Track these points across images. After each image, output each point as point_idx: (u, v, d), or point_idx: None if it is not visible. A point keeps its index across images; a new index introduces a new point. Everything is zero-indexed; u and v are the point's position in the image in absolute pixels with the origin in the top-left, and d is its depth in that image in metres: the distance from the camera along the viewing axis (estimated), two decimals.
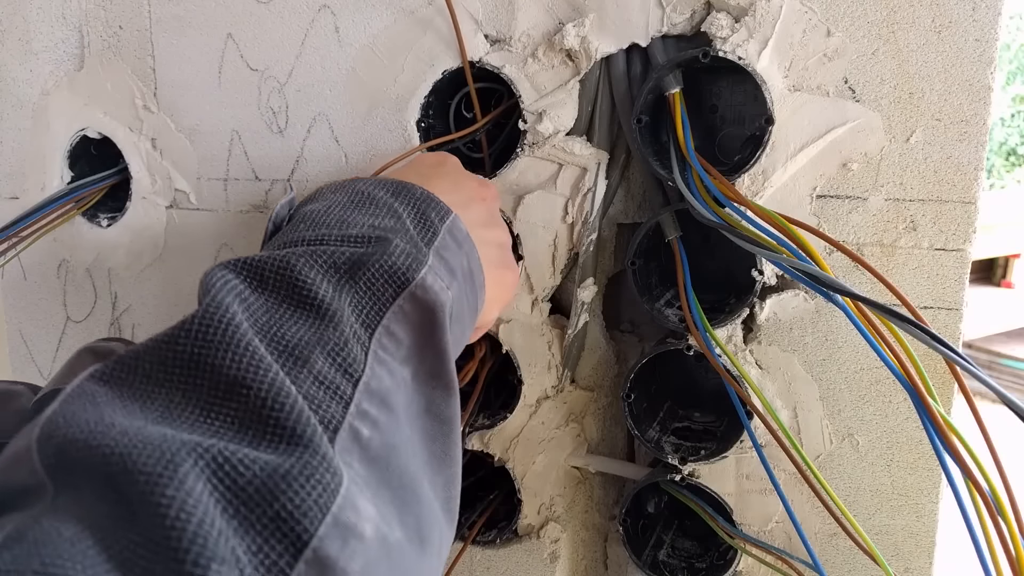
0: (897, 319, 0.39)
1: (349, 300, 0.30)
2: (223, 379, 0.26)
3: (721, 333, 0.54)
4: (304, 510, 0.23)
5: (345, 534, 0.24)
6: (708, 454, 0.55)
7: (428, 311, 0.32)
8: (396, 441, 0.29)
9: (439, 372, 0.32)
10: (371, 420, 0.28)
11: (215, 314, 0.27)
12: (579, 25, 0.53)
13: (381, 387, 0.29)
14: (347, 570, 0.24)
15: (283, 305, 0.29)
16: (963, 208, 0.49)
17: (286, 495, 0.23)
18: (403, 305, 0.31)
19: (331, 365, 0.28)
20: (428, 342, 0.32)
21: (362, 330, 0.30)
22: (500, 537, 0.64)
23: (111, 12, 0.67)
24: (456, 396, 0.33)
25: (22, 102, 0.72)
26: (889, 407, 0.53)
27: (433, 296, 0.32)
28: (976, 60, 0.47)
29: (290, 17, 0.61)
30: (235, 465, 0.23)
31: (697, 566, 0.60)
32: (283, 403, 0.25)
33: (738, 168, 0.51)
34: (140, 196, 0.70)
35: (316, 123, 0.62)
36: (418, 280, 0.32)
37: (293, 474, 0.24)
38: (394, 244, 0.32)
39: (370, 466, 0.27)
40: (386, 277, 0.31)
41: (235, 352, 0.26)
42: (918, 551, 0.54)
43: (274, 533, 0.23)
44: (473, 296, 0.37)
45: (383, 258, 0.31)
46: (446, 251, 0.35)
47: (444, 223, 0.36)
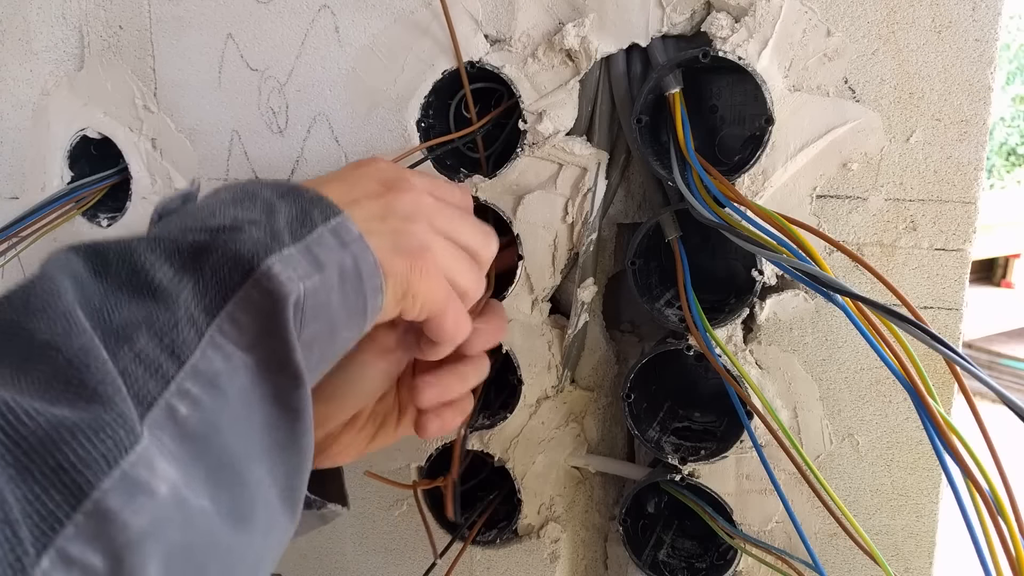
0: (897, 319, 0.39)
1: (191, 285, 0.30)
2: (35, 343, 0.26)
3: (721, 333, 0.54)
4: (88, 462, 0.23)
5: (132, 489, 0.24)
6: (708, 454, 0.55)
7: (272, 300, 0.31)
8: (221, 422, 0.29)
9: (284, 362, 0.31)
10: (192, 399, 0.28)
11: (38, 284, 0.27)
12: (579, 25, 0.53)
13: (211, 369, 0.29)
14: (129, 524, 0.24)
15: (121, 290, 0.29)
16: (963, 208, 0.49)
17: (69, 446, 0.23)
18: (250, 292, 0.31)
19: (156, 345, 0.28)
20: (273, 331, 0.31)
21: (201, 314, 0.30)
22: (500, 537, 0.64)
23: (111, 12, 0.67)
24: (305, 387, 0.32)
25: (22, 102, 0.72)
26: (889, 407, 0.53)
27: (277, 285, 0.31)
28: (976, 60, 0.47)
29: (290, 17, 0.61)
30: (19, 415, 0.23)
31: (697, 566, 0.60)
32: (88, 364, 0.26)
33: (738, 168, 0.51)
34: (140, 196, 0.70)
35: (316, 123, 0.62)
36: (263, 267, 0.31)
37: (80, 427, 0.24)
38: (245, 232, 0.32)
39: (184, 442, 0.27)
40: (231, 264, 0.31)
41: (51, 317, 0.26)
42: (918, 551, 0.54)
43: (54, 483, 0.23)
44: (360, 299, 0.36)
45: (228, 245, 0.31)
46: (319, 247, 0.34)
47: (328, 222, 0.35)
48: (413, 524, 0.67)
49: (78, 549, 0.23)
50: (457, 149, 0.61)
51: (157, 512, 0.25)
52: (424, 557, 0.65)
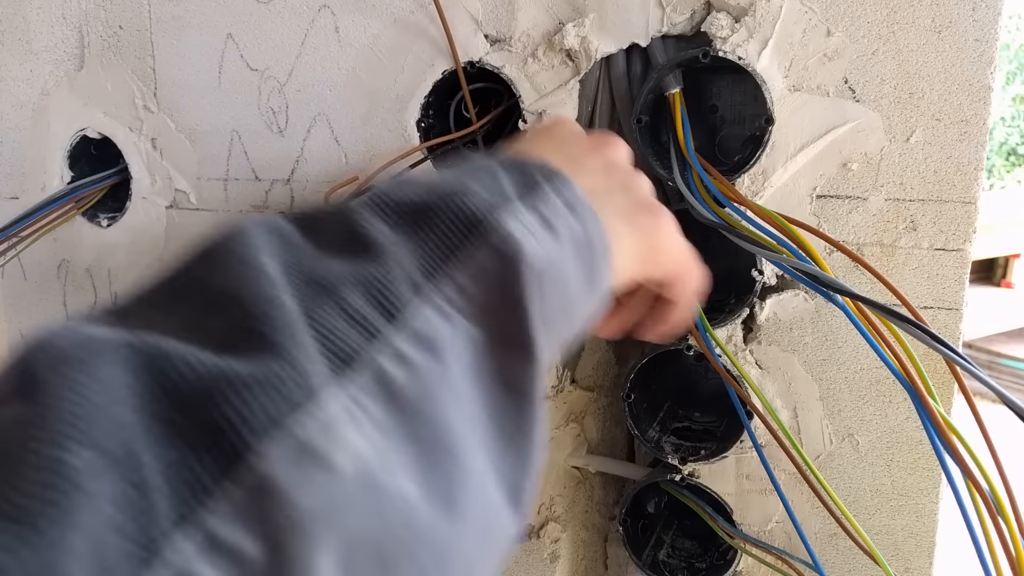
0: (897, 319, 0.39)
1: (411, 246, 0.26)
2: (212, 292, 0.22)
3: (721, 333, 0.54)
4: (248, 419, 0.19)
5: (305, 460, 0.19)
6: (708, 454, 0.55)
7: (505, 260, 0.27)
8: (441, 395, 0.24)
9: (517, 336, 0.27)
10: (407, 362, 0.23)
11: (233, 236, 0.24)
12: (579, 25, 0.53)
13: (430, 332, 0.24)
14: (294, 501, 0.19)
15: (332, 248, 0.25)
16: (963, 208, 0.49)
17: (228, 401, 0.19)
18: (475, 254, 0.26)
19: (365, 300, 0.23)
20: (506, 299, 0.27)
21: (421, 276, 0.25)
22: None
23: (111, 12, 0.67)
24: (538, 367, 0.27)
25: (22, 102, 0.72)
26: (889, 407, 0.53)
27: (512, 243, 0.27)
28: (976, 60, 0.47)
29: (290, 17, 0.61)
30: (175, 363, 0.20)
31: (697, 566, 0.60)
32: (269, 313, 0.22)
33: (738, 168, 0.51)
34: (140, 196, 0.70)
35: (316, 123, 0.62)
36: (495, 224, 0.27)
37: (243, 378, 0.20)
38: (473, 190, 0.28)
39: (393, 412, 0.22)
40: (457, 222, 0.27)
41: (234, 266, 0.23)
42: (918, 551, 0.54)
43: (204, 444, 0.19)
44: (590, 268, 0.31)
45: (456, 200, 0.27)
46: (546, 208, 0.30)
47: (551, 183, 0.31)
48: None
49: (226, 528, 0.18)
50: (457, 149, 0.61)
51: (336, 491, 0.20)
52: None
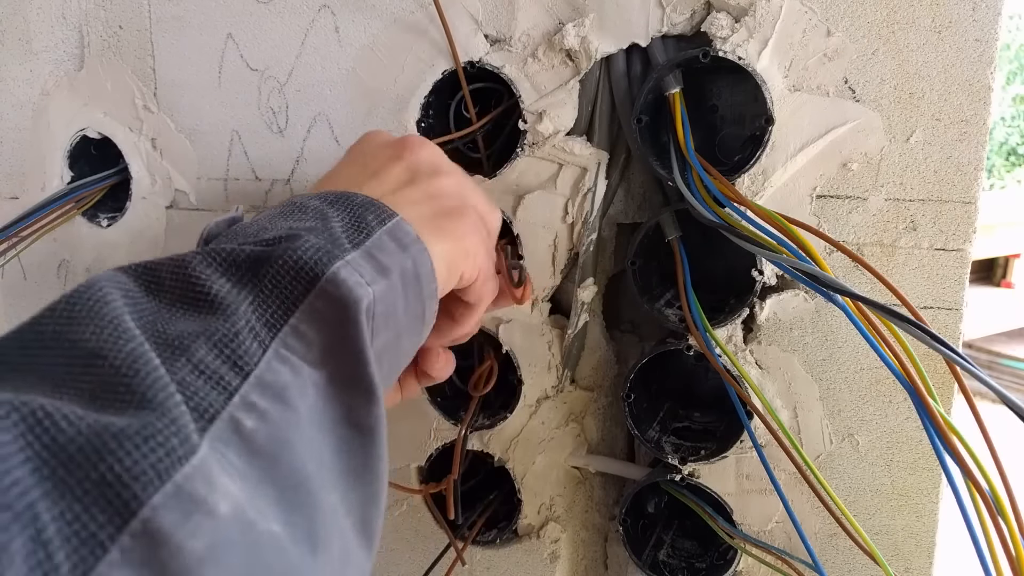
0: (897, 319, 0.39)
1: (251, 299, 0.28)
2: (80, 352, 0.23)
3: (721, 333, 0.54)
4: (136, 474, 0.20)
5: (188, 507, 0.21)
6: (708, 454, 0.55)
7: (342, 308, 0.28)
8: (292, 439, 0.26)
9: (357, 376, 0.29)
10: (259, 412, 0.25)
11: (84, 292, 0.25)
12: (579, 25, 0.53)
13: (278, 382, 0.26)
14: (184, 548, 0.20)
15: (175, 305, 0.27)
16: (963, 208, 0.49)
17: (115, 455, 0.20)
18: (314, 303, 0.28)
19: (216, 356, 0.25)
20: (343, 343, 0.28)
21: (263, 329, 0.27)
22: (500, 537, 0.64)
23: (111, 12, 0.67)
24: (377, 404, 0.29)
25: (22, 102, 0.72)
26: (889, 407, 0.53)
27: (346, 291, 0.29)
28: (976, 60, 0.47)
29: (290, 17, 0.61)
30: (57, 421, 0.20)
31: (697, 566, 0.60)
32: (138, 370, 0.23)
33: (738, 168, 0.51)
34: (140, 196, 0.70)
35: (316, 123, 0.62)
36: (328, 274, 0.29)
37: (128, 433, 0.21)
38: (303, 239, 0.29)
39: (251, 459, 0.24)
40: (292, 273, 0.28)
41: (97, 325, 0.24)
42: (918, 551, 0.54)
43: (96, 500, 0.20)
44: (418, 302, 0.34)
45: (288, 253, 0.29)
46: (380, 251, 0.32)
47: (384, 226, 0.33)
48: (413, 524, 0.67)
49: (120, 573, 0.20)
50: (457, 149, 0.61)
51: (217, 534, 0.22)
52: (424, 557, 0.65)
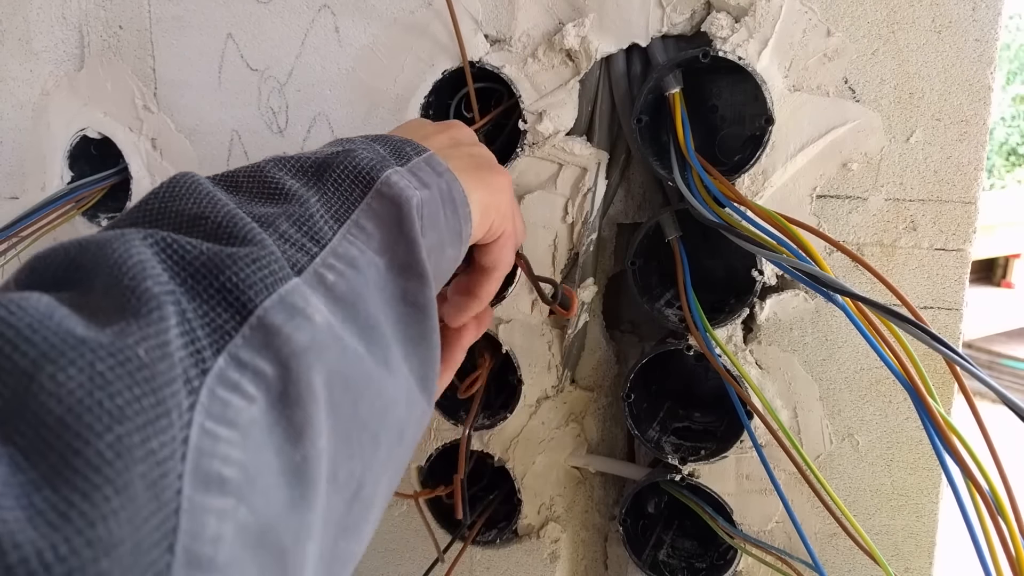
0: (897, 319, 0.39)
1: (318, 197, 0.32)
2: (184, 217, 0.28)
3: (721, 333, 0.54)
4: (250, 283, 0.25)
5: (291, 311, 0.26)
6: (708, 454, 0.55)
7: (395, 205, 0.33)
8: (365, 294, 0.30)
9: (411, 263, 0.33)
10: (337, 271, 0.29)
11: (180, 179, 0.29)
12: (579, 25, 0.53)
13: (349, 253, 0.30)
14: (292, 338, 0.25)
15: (254, 199, 0.31)
16: (963, 208, 0.49)
17: (231, 270, 0.25)
18: (371, 203, 0.33)
19: (296, 230, 0.30)
20: (399, 235, 0.33)
21: (331, 219, 0.31)
22: (500, 537, 0.64)
23: (111, 12, 0.67)
24: (431, 286, 0.34)
25: (22, 102, 0.72)
26: (889, 407, 0.53)
27: (399, 191, 0.33)
28: (976, 60, 0.47)
29: (290, 17, 0.61)
30: (183, 245, 0.25)
31: (697, 566, 0.60)
32: (237, 222, 0.27)
33: (738, 168, 0.51)
34: (140, 196, 0.70)
35: (316, 123, 0.62)
36: (383, 178, 0.33)
37: (239, 255, 0.26)
38: (358, 153, 0.34)
39: (334, 305, 0.28)
40: (352, 177, 0.33)
41: (197, 197, 0.28)
42: (918, 551, 0.54)
43: (220, 302, 0.25)
44: (456, 221, 0.38)
45: (348, 160, 0.33)
46: (419, 171, 0.36)
47: (421, 155, 0.38)
48: (413, 524, 0.67)
49: (248, 355, 0.24)
50: None
51: (316, 335, 0.26)
52: (424, 557, 0.65)
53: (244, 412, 0.23)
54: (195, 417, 0.22)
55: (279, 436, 0.24)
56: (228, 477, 0.22)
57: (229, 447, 0.22)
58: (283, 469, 0.24)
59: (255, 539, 0.23)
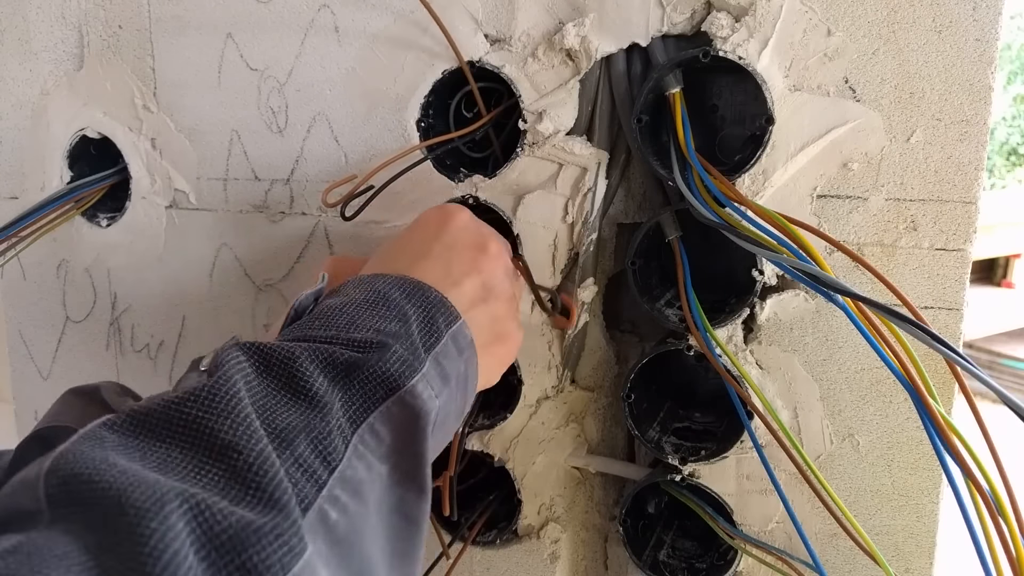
0: (898, 319, 0.39)
1: (340, 396, 0.33)
2: (218, 442, 0.29)
3: (721, 333, 0.54)
4: (268, 564, 0.26)
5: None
6: (708, 454, 0.55)
7: (413, 417, 0.35)
8: (362, 529, 0.32)
9: (414, 474, 0.35)
10: (341, 506, 0.31)
11: (222, 387, 0.30)
12: (579, 25, 0.53)
13: (355, 477, 0.32)
14: None
15: (281, 391, 0.33)
16: (964, 208, 0.49)
17: (255, 548, 0.26)
18: (390, 407, 0.34)
19: (312, 452, 0.31)
20: (408, 445, 0.35)
21: (347, 424, 0.33)
22: (500, 537, 0.64)
23: (111, 12, 0.67)
24: (427, 500, 0.35)
25: (22, 102, 0.72)
26: (890, 407, 0.53)
27: (420, 404, 0.35)
28: (977, 60, 0.47)
29: (290, 17, 0.61)
30: (215, 514, 0.26)
31: (697, 566, 0.60)
32: (267, 471, 0.28)
33: (738, 168, 0.51)
34: (140, 196, 0.70)
35: (316, 123, 0.62)
36: (408, 387, 0.35)
37: (264, 531, 0.27)
38: (392, 350, 0.36)
39: (333, 547, 0.30)
40: (378, 381, 0.35)
41: (233, 421, 0.29)
42: (919, 551, 0.54)
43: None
44: (463, 401, 0.40)
45: (378, 364, 0.35)
46: (444, 358, 0.38)
47: (449, 329, 0.39)
48: None
49: None
50: (457, 149, 0.61)
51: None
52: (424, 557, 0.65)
53: None
54: None
55: None
56: None
57: None
58: None
59: None
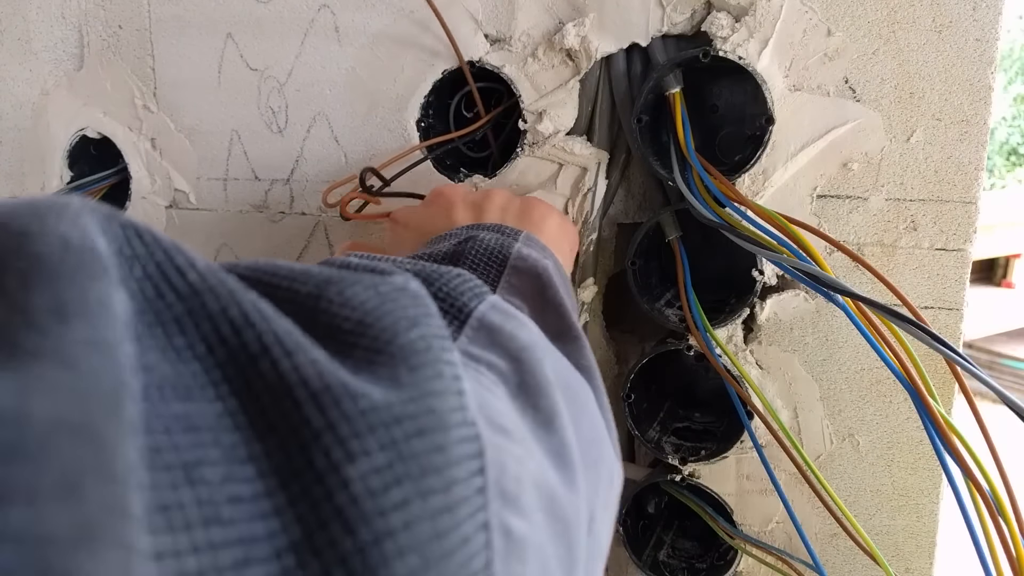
0: (898, 319, 0.39)
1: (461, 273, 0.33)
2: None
3: (721, 333, 0.54)
4: (460, 291, 0.27)
5: (506, 314, 0.28)
6: (708, 454, 0.55)
7: (535, 276, 0.34)
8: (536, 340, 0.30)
9: (565, 328, 0.33)
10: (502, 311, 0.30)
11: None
12: (579, 25, 0.53)
13: (507, 307, 0.31)
14: (516, 335, 0.27)
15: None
16: (963, 208, 0.49)
17: (441, 281, 0.27)
18: (510, 279, 0.34)
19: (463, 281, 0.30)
20: (545, 304, 0.34)
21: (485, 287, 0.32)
22: None
23: (111, 12, 0.67)
24: (588, 346, 0.34)
25: (21, 102, 0.72)
26: (890, 407, 0.53)
27: (533, 262, 0.34)
28: (977, 60, 0.47)
29: (290, 17, 0.61)
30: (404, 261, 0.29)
31: (697, 566, 0.60)
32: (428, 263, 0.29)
33: (738, 168, 0.51)
34: (140, 196, 0.70)
35: (316, 123, 0.62)
36: (515, 252, 0.35)
37: (442, 271, 0.28)
38: (481, 236, 0.36)
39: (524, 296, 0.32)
40: (486, 258, 0.34)
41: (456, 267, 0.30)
42: (919, 551, 0.54)
43: (442, 306, 0.26)
44: (568, 266, 0.41)
45: (477, 244, 0.35)
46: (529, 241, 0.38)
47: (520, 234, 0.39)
48: None
49: (477, 350, 0.26)
50: (457, 149, 0.60)
51: (533, 336, 0.28)
52: None
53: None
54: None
55: (530, 422, 0.25)
56: (509, 428, 0.22)
57: None
58: (547, 451, 0.25)
59: (547, 501, 0.23)
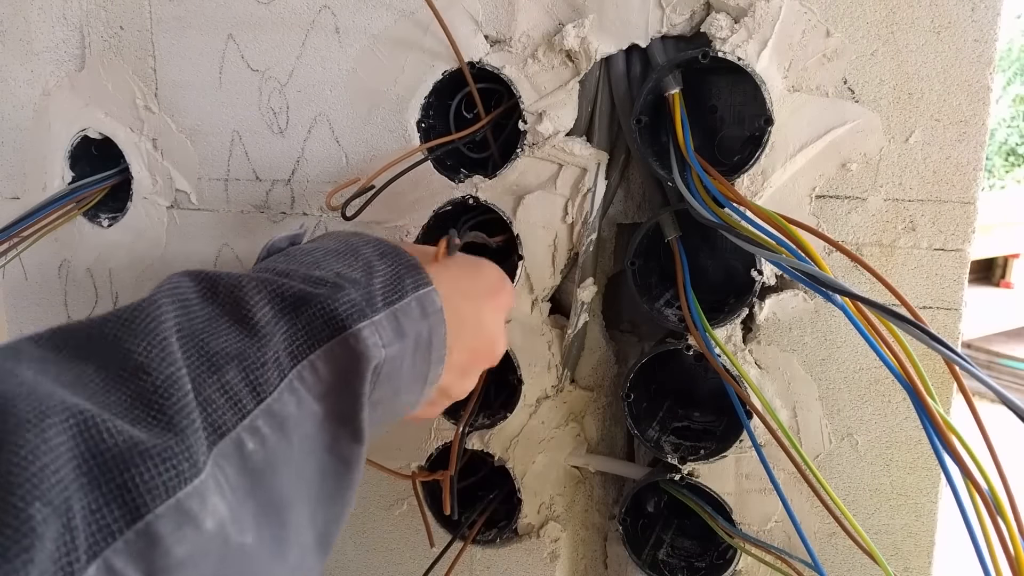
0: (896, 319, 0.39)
1: (285, 329, 0.33)
2: (131, 363, 0.28)
3: (720, 333, 0.54)
4: (150, 487, 0.26)
5: (182, 519, 0.26)
6: (708, 453, 0.56)
7: (355, 360, 0.34)
8: (280, 463, 0.31)
9: (350, 418, 0.34)
10: (260, 437, 0.30)
11: (145, 309, 0.30)
12: (579, 26, 0.53)
13: (283, 412, 0.31)
14: (171, 551, 0.26)
15: (223, 317, 0.32)
16: (962, 208, 0.49)
17: (138, 469, 0.26)
18: (333, 348, 0.33)
19: (242, 380, 0.30)
20: (347, 387, 0.34)
21: (287, 358, 0.32)
22: (500, 536, 0.64)
23: (112, 13, 0.67)
24: (362, 445, 0.34)
25: (23, 102, 0.73)
26: (888, 407, 0.53)
27: (364, 348, 0.34)
28: (975, 61, 0.47)
29: (291, 18, 0.61)
30: (102, 432, 0.26)
31: (697, 565, 0.60)
32: (172, 394, 0.28)
33: (737, 168, 0.52)
34: (141, 196, 0.70)
35: (316, 123, 0.62)
36: (354, 330, 0.34)
37: (151, 453, 0.26)
38: (345, 292, 0.35)
39: (244, 476, 0.30)
40: (324, 319, 0.33)
41: (149, 343, 0.29)
42: (917, 550, 0.54)
43: (116, 499, 0.25)
44: (425, 366, 0.39)
45: (328, 302, 0.34)
46: (404, 316, 0.37)
47: (417, 292, 0.38)
48: (413, 524, 0.67)
49: (122, 563, 0.25)
50: (457, 149, 0.61)
51: (199, 544, 0.27)
52: (424, 556, 0.65)
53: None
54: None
55: None
56: None
57: None
58: None
59: None
